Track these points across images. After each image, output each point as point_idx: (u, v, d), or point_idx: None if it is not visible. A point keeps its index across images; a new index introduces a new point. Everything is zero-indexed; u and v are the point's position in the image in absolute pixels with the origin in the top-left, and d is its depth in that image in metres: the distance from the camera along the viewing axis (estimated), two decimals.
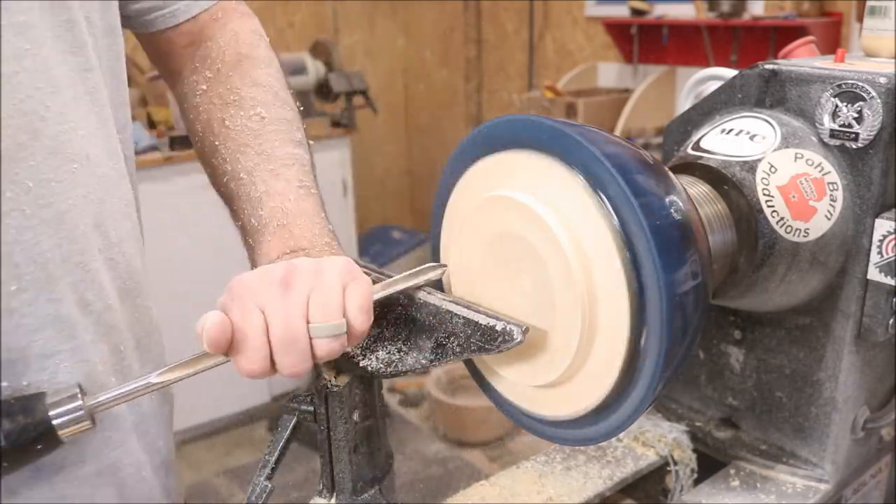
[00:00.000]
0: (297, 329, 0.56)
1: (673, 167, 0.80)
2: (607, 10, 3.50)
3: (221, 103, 0.74)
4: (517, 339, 0.57)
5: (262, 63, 0.77)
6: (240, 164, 0.71)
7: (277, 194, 0.69)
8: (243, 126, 0.73)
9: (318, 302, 0.56)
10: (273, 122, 0.74)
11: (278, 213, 0.67)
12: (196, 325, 0.55)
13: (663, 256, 0.53)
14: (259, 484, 0.64)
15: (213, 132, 0.73)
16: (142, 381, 0.57)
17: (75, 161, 0.60)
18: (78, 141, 0.61)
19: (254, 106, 0.74)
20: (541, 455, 0.92)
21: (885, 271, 0.76)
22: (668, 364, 0.55)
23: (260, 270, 0.58)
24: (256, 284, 0.57)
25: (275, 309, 0.56)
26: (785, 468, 0.87)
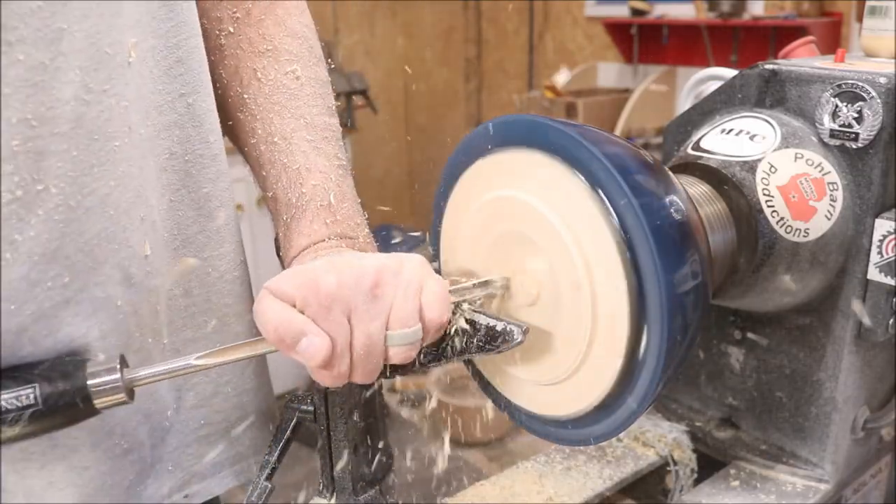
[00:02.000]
0: (377, 343, 0.54)
1: (673, 167, 0.80)
2: (607, 10, 3.50)
3: (252, 51, 0.68)
4: (518, 339, 0.57)
5: (295, 9, 0.71)
6: (273, 126, 0.66)
7: (319, 172, 0.65)
8: (278, 82, 0.68)
9: (399, 309, 0.54)
10: (310, 82, 0.69)
11: (321, 192, 0.64)
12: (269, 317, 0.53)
13: (663, 256, 0.53)
14: (259, 484, 0.64)
15: (242, 82, 0.68)
16: (182, 361, 0.56)
17: (116, 138, 0.56)
18: (120, 114, 0.56)
19: (290, 61, 0.69)
20: (541, 455, 0.92)
21: (885, 271, 0.76)
22: (668, 364, 0.55)
23: (349, 270, 0.54)
24: (347, 289, 0.53)
25: (361, 320, 0.54)
26: (785, 468, 0.87)
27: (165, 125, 0.63)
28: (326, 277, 0.54)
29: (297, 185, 0.65)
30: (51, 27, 0.51)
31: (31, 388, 0.52)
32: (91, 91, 0.54)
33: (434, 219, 0.69)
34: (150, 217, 0.61)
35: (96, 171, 0.55)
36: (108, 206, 0.57)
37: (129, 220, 0.59)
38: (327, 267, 0.55)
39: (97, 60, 0.54)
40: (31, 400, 0.51)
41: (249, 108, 0.68)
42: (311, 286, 0.53)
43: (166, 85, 0.62)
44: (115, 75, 0.56)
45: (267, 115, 0.67)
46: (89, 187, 0.55)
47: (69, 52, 0.52)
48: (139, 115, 0.59)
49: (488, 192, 0.62)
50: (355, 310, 0.54)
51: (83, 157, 0.54)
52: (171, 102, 0.63)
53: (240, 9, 0.69)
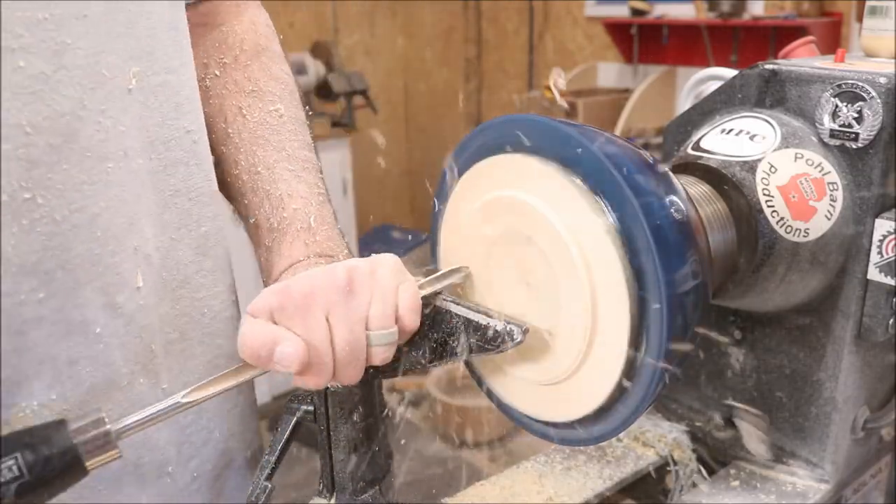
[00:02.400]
0: (359, 339, 0.54)
1: (673, 167, 0.80)
2: (607, 10, 3.50)
3: (238, 91, 0.71)
4: (518, 339, 0.57)
5: (278, 58, 0.76)
6: (257, 157, 0.68)
7: (300, 197, 0.66)
8: (262, 119, 0.70)
9: (378, 308, 0.54)
10: (291, 121, 0.72)
11: (301, 215, 0.65)
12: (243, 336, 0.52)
13: (663, 256, 0.53)
14: (259, 484, 0.64)
15: (226, 119, 0.71)
16: (170, 402, 0.53)
17: (111, 160, 0.57)
18: (116, 137, 0.57)
19: (272, 101, 0.71)
20: (541, 455, 0.92)
21: (885, 271, 0.76)
22: (668, 364, 0.55)
23: (320, 272, 0.54)
24: (321, 288, 0.53)
25: (340, 317, 0.53)
26: (785, 468, 0.87)
27: (172, 161, 0.64)
28: (299, 281, 0.54)
29: (279, 210, 0.66)
30: (55, 39, 0.52)
31: (11, 459, 0.48)
32: (87, 109, 0.54)
33: (434, 219, 0.69)
34: (144, 249, 0.61)
35: (87, 188, 0.55)
36: (97, 227, 0.56)
37: (119, 245, 0.58)
38: (300, 275, 0.56)
39: (96, 80, 0.55)
40: (13, 472, 0.48)
41: (234, 141, 0.70)
42: (283, 292, 0.53)
43: (175, 121, 0.64)
44: (113, 98, 0.56)
45: (250, 148, 0.69)
46: (77, 204, 0.55)
47: (70, 67, 0.53)
48: (139, 144, 0.60)
49: (487, 192, 0.62)
50: (333, 308, 0.53)
51: (74, 173, 0.54)
52: (179, 139, 0.64)
53: (228, 55, 0.73)
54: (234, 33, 0.74)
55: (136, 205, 0.60)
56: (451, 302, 0.61)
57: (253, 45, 0.74)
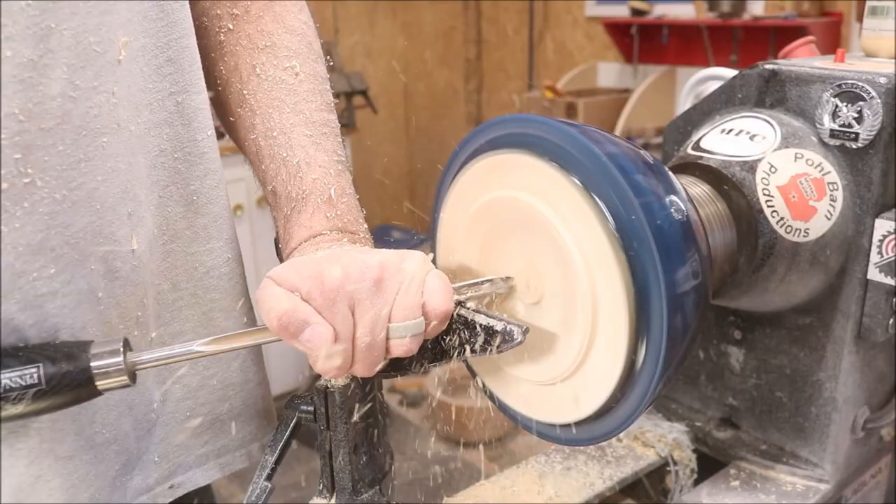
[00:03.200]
0: (379, 336, 0.55)
1: (673, 167, 0.80)
2: (607, 10, 3.50)
3: (251, 47, 0.69)
4: (518, 339, 0.57)
5: (293, 7, 0.73)
6: (273, 121, 0.67)
7: (319, 166, 0.66)
8: (277, 78, 0.68)
9: (402, 302, 0.55)
10: (308, 78, 0.70)
11: (320, 185, 0.65)
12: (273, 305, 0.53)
13: (664, 256, 0.53)
14: (259, 484, 0.64)
15: (241, 79, 0.69)
16: (185, 347, 0.56)
17: (104, 134, 0.57)
18: (109, 111, 0.58)
19: (288, 56, 0.69)
20: (541, 455, 0.92)
21: (885, 271, 0.76)
22: (668, 364, 0.55)
23: (353, 264, 0.55)
24: (351, 282, 0.54)
25: (365, 312, 0.54)
26: (785, 468, 0.87)
27: (156, 123, 0.64)
28: (331, 269, 0.54)
29: (297, 179, 0.65)
30: (39, 25, 0.52)
31: (34, 367, 0.53)
32: (79, 88, 0.55)
33: (434, 219, 0.69)
34: (138, 212, 0.62)
35: (83, 166, 0.56)
36: (95, 200, 0.58)
37: (115, 215, 0.60)
38: (332, 259, 0.56)
39: (85, 58, 0.55)
40: (34, 379, 0.52)
41: (249, 103, 0.69)
42: (315, 277, 0.54)
43: (156, 83, 0.63)
44: (104, 73, 0.57)
45: (266, 111, 0.68)
46: (76, 182, 0.56)
47: (57, 50, 0.53)
48: (129, 112, 0.60)
49: (487, 193, 0.62)
50: (359, 303, 0.54)
51: (70, 152, 0.55)
52: (161, 101, 0.64)
53: (238, 6, 0.70)
54: None
55: (129, 172, 0.61)
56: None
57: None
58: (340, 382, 0.62)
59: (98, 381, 0.54)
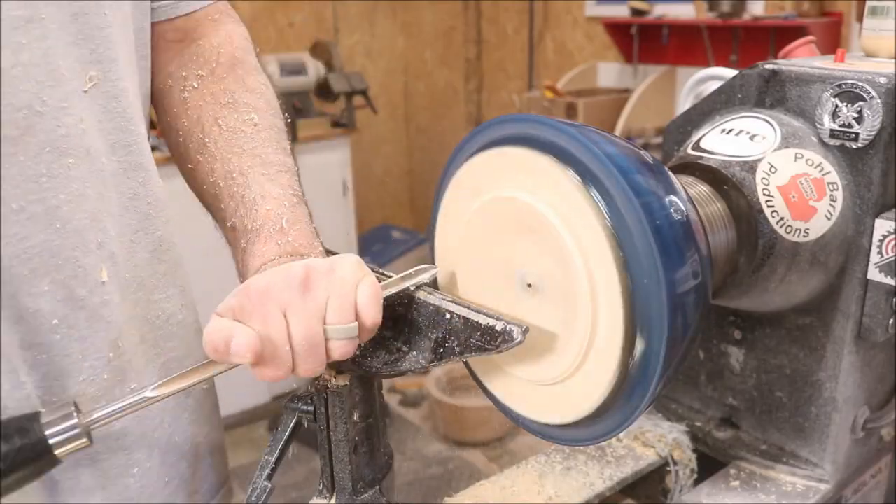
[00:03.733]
0: (316, 333, 0.55)
1: (673, 167, 0.80)
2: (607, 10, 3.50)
3: (214, 103, 0.74)
4: (517, 339, 0.57)
5: (254, 70, 0.78)
6: (232, 164, 0.71)
7: (273, 198, 0.68)
8: (237, 129, 0.73)
9: (335, 304, 0.56)
10: (266, 128, 0.74)
11: (274, 216, 0.67)
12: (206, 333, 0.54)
13: (664, 256, 0.53)
14: (259, 484, 0.64)
15: (204, 129, 0.73)
16: (137, 396, 0.56)
17: (72, 156, 0.59)
18: (78, 136, 0.60)
19: (248, 111, 0.74)
20: (541, 455, 0.92)
21: (885, 271, 0.76)
22: (668, 364, 0.55)
23: (277, 271, 0.57)
24: (277, 286, 0.56)
25: (296, 312, 0.55)
26: (785, 468, 0.87)
27: (133, 165, 0.67)
28: (257, 279, 0.57)
29: (253, 212, 0.68)
30: (11, 39, 0.55)
31: None
32: (46, 104, 0.57)
33: (433, 219, 0.69)
34: (108, 246, 0.64)
35: (45, 181, 0.58)
36: (56, 218, 0.59)
37: (80, 240, 0.61)
38: (260, 274, 0.58)
39: (54, 79, 0.58)
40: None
41: (210, 150, 0.72)
42: (242, 291, 0.56)
43: (137, 126, 0.67)
44: (72, 98, 0.59)
45: (226, 156, 0.71)
46: (35, 195, 0.58)
47: (27, 65, 0.56)
48: (101, 145, 0.63)
49: (487, 193, 0.62)
50: (290, 305, 0.55)
51: (31, 165, 0.57)
52: (139, 143, 0.68)
53: (204, 68, 0.75)
54: (211, 46, 0.77)
55: (100, 202, 0.63)
56: (451, 302, 0.61)
57: (229, 57, 0.77)
58: (340, 382, 0.62)
59: (57, 450, 0.53)
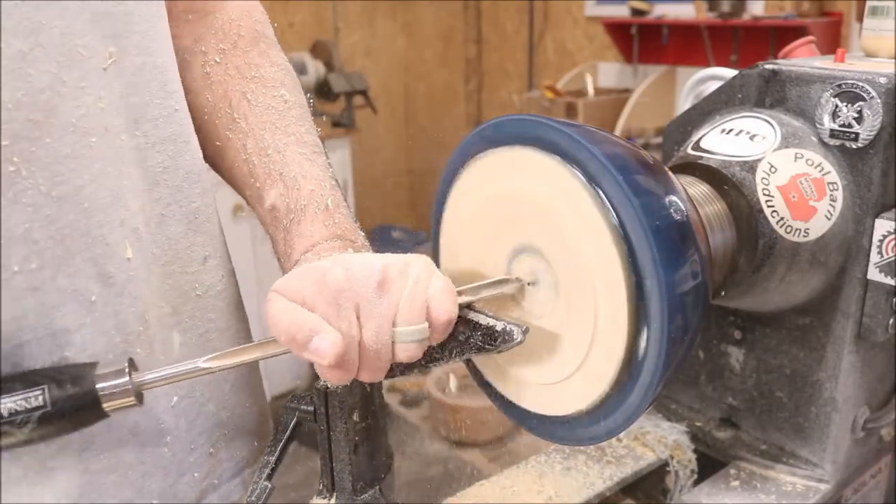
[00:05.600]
0: (385, 339, 0.54)
1: (673, 167, 0.80)
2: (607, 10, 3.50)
3: (240, 77, 0.72)
4: (517, 339, 0.57)
5: (275, 45, 0.76)
6: (266, 141, 0.69)
7: (314, 179, 0.67)
8: (267, 104, 0.71)
9: (407, 305, 0.55)
10: (296, 106, 0.72)
11: (317, 196, 0.66)
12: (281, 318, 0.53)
13: (663, 256, 0.53)
14: (259, 484, 0.64)
15: (231, 105, 0.71)
16: (190, 365, 0.56)
17: (93, 135, 0.58)
18: (97, 114, 0.59)
19: (276, 87, 0.72)
20: (541, 455, 0.92)
21: (885, 271, 0.76)
22: (668, 364, 0.55)
23: (356, 267, 0.55)
24: (356, 283, 0.54)
25: (371, 314, 0.54)
26: (785, 468, 0.87)
27: (160, 139, 0.65)
28: (334, 272, 0.54)
29: (295, 191, 0.66)
30: (30, 19, 0.54)
31: (39, 390, 0.52)
32: (66, 85, 0.56)
33: (434, 219, 0.69)
34: (131, 223, 0.63)
35: (70, 162, 0.57)
36: (83, 199, 0.58)
37: (106, 218, 0.60)
38: (334, 263, 0.56)
39: (71, 58, 0.57)
40: (39, 402, 0.52)
41: (240, 125, 0.70)
42: (318, 282, 0.54)
43: (163, 100, 0.65)
44: (91, 76, 0.58)
45: (258, 132, 0.70)
46: (62, 176, 0.57)
47: (47, 45, 0.55)
48: (122, 122, 0.62)
49: (487, 193, 0.62)
50: (363, 306, 0.54)
51: (56, 146, 0.56)
52: (167, 117, 0.66)
53: (226, 42, 0.73)
54: (229, 19, 0.74)
55: (120, 179, 0.61)
56: None
57: (250, 30, 0.74)
58: (339, 384, 0.62)
59: (105, 403, 0.54)
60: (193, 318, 0.70)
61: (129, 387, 0.54)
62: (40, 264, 0.56)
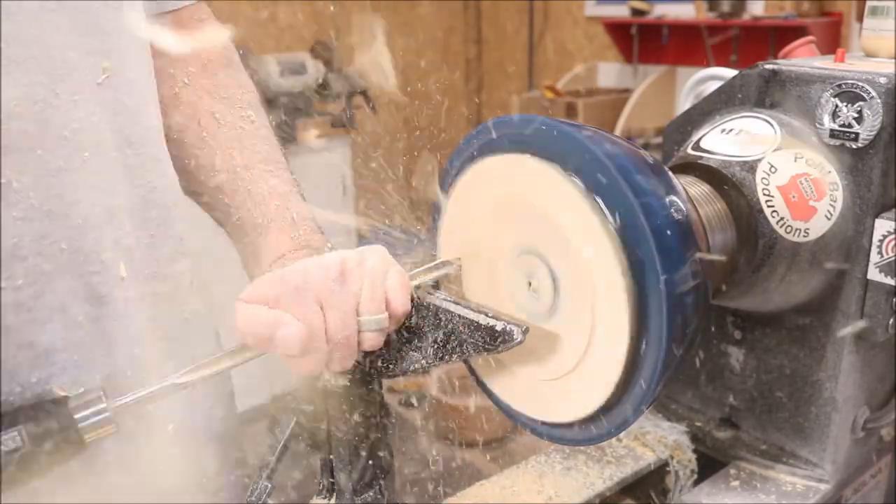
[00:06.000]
0: (352, 325, 0.56)
1: (673, 167, 0.80)
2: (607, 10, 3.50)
3: (209, 98, 0.74)
4: (517, 339, 0.57)
5: (242, 68, 0.79)
6: (235, 160, 0.71)
7: (279, 194, 0.69)
8: (235, 124, 0.73)
9: (367, 295, 0.56)
10: (262, 126, 0.75)
11: (283, 211, 0.68)
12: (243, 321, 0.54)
13: (663, 256, 0.53)
14: (259, 484, 0.64)
15: (200, 124, 0.73)
16: (165, 383, 0.56)
17: (85, 150, 0.59)
18: (90, 128, 0.59)
19: (243, 107, 0.74)
20: (541, 455, 0.92)
21: (885, 271, 0.76)
22: (668, 364, 0.55)
23: (314, 263, 0.57)
24: (315, 278, 0.56)
25: (333, 304, 0.55)
26: (785, 468, 0.87)
27: (150, 158, 0.67)
28: (293, 270, 0.57)
29: (262, 207, 0.69)
30: (25, 31, 0.54)
31: (15, 430, 0.51)
32: (59, 97, 0.57)
33: (433, 220, 0.69)
34: (124, 242, 0.63)
35: (63, 176, 0.57)
36: (76, 215, 0.58)
37: (100, 235, 0.60)
38: (294, 265, 0.58)
39: (65, 70, 0.57)
40: (17, 443, 0.50)
41: (209, 145, 0.72)
42: (279, 281, 0.56)
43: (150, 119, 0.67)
44: (85, 90, 0.59)
45: (227, 151, 0.72)
46: (55, 189, 0.57)
47: (41, 57, 0.55)
48: (115, 138, 0.62)
49: (488, 193, 0.62)
50: (327, 296, 0.56)
51: (49, 159, 0.56)
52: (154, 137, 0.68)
53: (194, 64, 0.75)
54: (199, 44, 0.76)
55: (112, 197, 0.62)
56: (451, 302, 0.61)
57: (219, 55, 0.77)
58: (340, 382, 0.62)
59: (86, 435, 0.53)
60: (178, 340, 0.72)
61: (107, 413, 0.53)
62: (26, 281, 0.56)
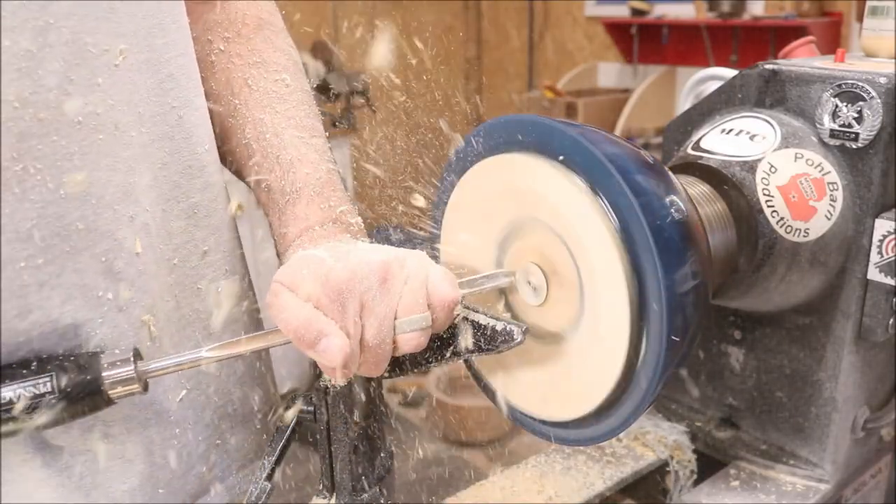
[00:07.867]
0: (386, 336, 0.56)
1: (673, 167, 0.80)
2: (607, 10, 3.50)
3: (243, 64, 0.73)
4: (518, 339, 0.57)
5: (282, 31, 0.77)
6: (265, 125, 0.70)
7: (310, 162, 0.68)
8: (268, 89, 0.72)
9: (408, 300, 0.56)
10: (297, 90, 0.73)
11: (313, 180, 0.67)
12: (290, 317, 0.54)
13: (663, 256, 0.53)
14: (259, 484, 0.64)
15: (233, 92, 0.72)
16: (194, 354, 0.57)
17: (101, 131, 0.59)
18: (105, 111, 0.59)
19: (278, 71, 0.73)
20: (541, 455, 0.92)
21: (885, 271, 0.76)
22: (668, 364, 0.55)
23: (358, 265, 0.57)
24: (359, 283, 0.56)
25: (372, 311, 0.55)
26: (785, 468, 0.87)
27: (158, 135, 0.66)
28: (338, 272, 0.56)
29: (290, 174, 0.67)
30: (38, 19, 0.54)
31: (47, 377, 0.53)
32: (74, 83, 0.57)
33: (434, 220, 0.69)
34: (141, 218, 0.63)
35: (77, 158, 0.57)
36: (91, 195, 0.59)
37: (114, 214, 0.61)
38: (337, 259, 0.57)
39: (81, 56, 0.57)
40: (47, 388, 0.53)
41: (241, 111, 0.71)
42: (324, 282, 0.55)
43: (160, 97, 0.66)
44: (100, 74, 0.59)
45: (258, 116, 0.70)
46: (69, 173, 0.57)
47: (55, 45, 0.55)
48: (129, 118, 0.62)
49: (488, 193, 0.62)
50: (366, 304, 0.56)
51: (64, 143, 0.57)
52: (164, 114, 0.66)
53: (230, 30, 0.74)
54: (236, 9, 0.75)
55: (129, 175, 0.62)
56: None
57: (255, 19, 0.75)
58: (341, 382, 0.62)
59: (111, 391, 0.55)
60: (195, 310, 0.71)
61: (133, 375, 0.56)
62: (47, 260, 0.57)
